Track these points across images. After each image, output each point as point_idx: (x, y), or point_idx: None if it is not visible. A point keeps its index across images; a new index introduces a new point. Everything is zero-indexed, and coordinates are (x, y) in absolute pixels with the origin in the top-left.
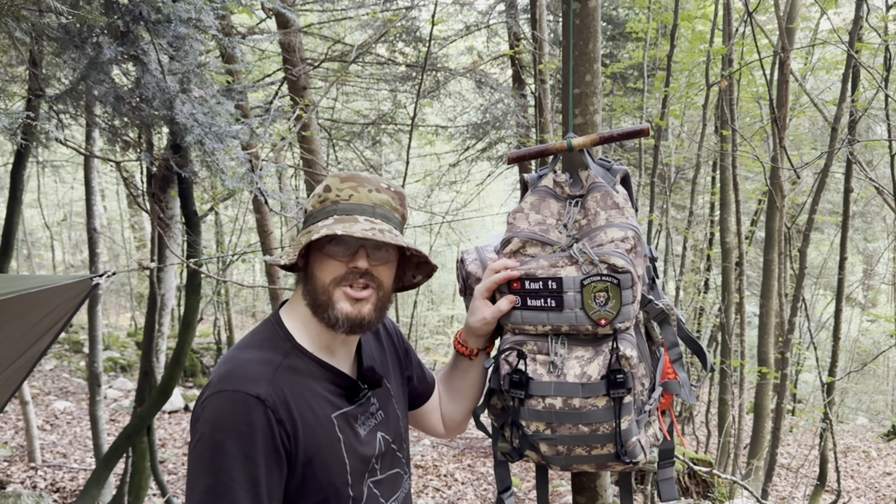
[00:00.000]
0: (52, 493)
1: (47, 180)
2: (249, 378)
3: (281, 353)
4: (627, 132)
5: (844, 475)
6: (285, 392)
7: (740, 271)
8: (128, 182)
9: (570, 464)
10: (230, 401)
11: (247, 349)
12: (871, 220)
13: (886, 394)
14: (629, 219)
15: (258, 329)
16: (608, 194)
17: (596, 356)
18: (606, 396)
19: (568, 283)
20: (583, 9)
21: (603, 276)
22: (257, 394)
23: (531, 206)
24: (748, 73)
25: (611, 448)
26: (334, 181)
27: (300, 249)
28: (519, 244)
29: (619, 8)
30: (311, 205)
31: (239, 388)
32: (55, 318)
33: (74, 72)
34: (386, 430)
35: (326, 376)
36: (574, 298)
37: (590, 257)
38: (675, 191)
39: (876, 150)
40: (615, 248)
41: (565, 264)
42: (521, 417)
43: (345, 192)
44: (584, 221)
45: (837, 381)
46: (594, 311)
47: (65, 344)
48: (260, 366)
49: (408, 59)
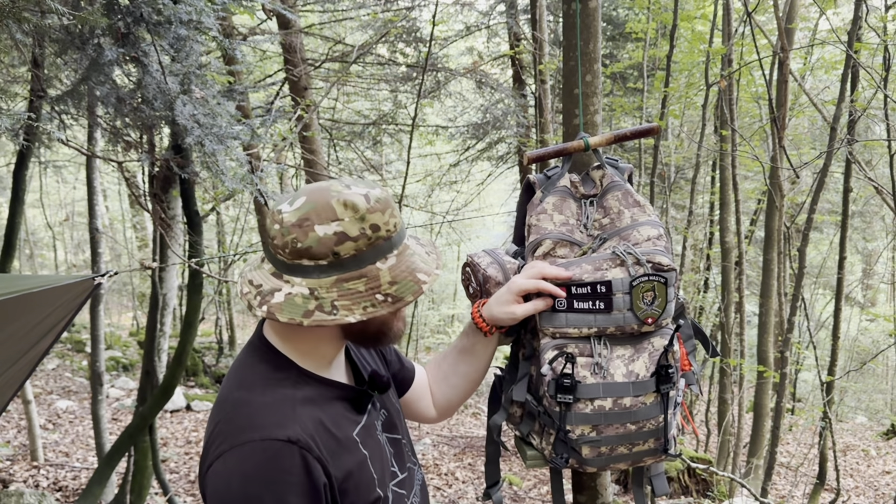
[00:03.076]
0: (55, 491)
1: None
2: (274, 423)
3: (290, 385)
4: (639, 131)
5: (844, 474)
6: (310, 427)
7: (740, 270)
8: (129, 182)
9: (608, 463)
10: (260, 451)
11: (253, 389)
12: (870, 220)
13: (885, 393)
14: (652, 216)
15: (249, 360)
16: (629, 192)
17: (637, 353)
18: (656, 392)
19: (617, 285)
20: (583, 9)
21: (651, 276)
22: (287, 437)
23: (554, 207)
24: (747, 73)
25: (651, 443)
26: (377, 216)
27: (392, 308)
28: (551, 245)
29: (619, 8)
30: (355, 248)
31: (266, 435)
32: (57, 317)
33: (76, 73)
34: (391, 429)
35: (337, 394)
36: (623, 300)
37: (636, 257)
38: (675, 190)
39: (875, 150)
40: (654, 245)
41: (610, 266)
42: (567, 422)
43: (391, 223)
44: (605, 220)
45: (837, 380)
46: (642, 311)
47: (67, 343)
48: (279, 406)
49: (408, 60)
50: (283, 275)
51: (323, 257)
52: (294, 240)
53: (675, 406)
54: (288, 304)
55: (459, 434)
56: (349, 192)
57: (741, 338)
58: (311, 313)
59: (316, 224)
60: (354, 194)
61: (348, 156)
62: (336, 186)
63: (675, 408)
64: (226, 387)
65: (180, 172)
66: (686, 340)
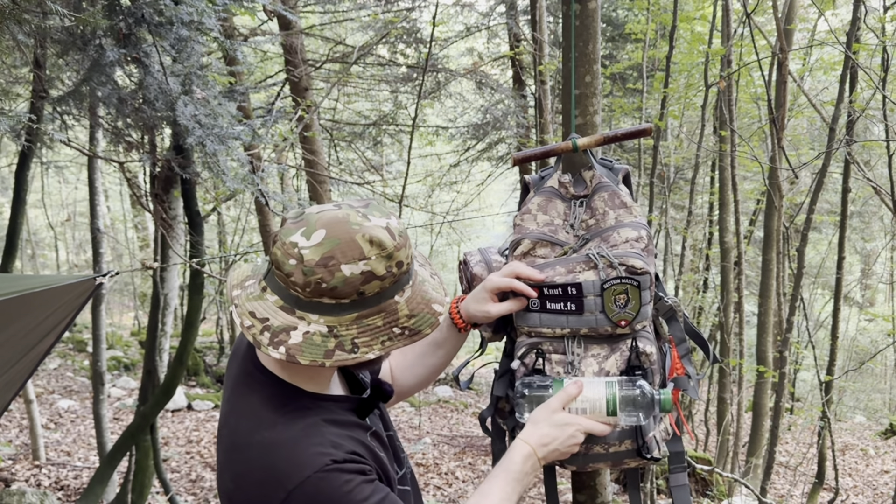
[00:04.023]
0: (56, 491)
1: (51, 181)
2: (315, 453)
3: (308, 411)
4: (630, 132)
5: (842, 473)
6: (342, 442)
7: (739, 270)
8: (131, 182)
9: (587, 463)
10: (319, 483)
11: (275, 427)
12: (868, 220)
13: (884, 392)
14: (638, 217)
15: (258, 396)
16: (615, 193)
17: (612, 353)
18: None
19: (588, 288)
20: (583, 10)
21: (623, 279)
22: (333, 460)
23: (538, 207)
24: (747, 73)
25: (629, 444)
26: (402, 253)
27: (409, 341)
28: (530, 245)
29: (619, 9)
30: (381, 287)
31: (315, 467)
32: (59, 317)
33: (78, 74)
34: (386, 427)
35: (344, 407)
36: (594, 302)
37: (608, 260)
38: (675, 191)
39: (874, 151)
40: (630, 248)
41: (583, 269)
42: None
43: (409, 255)
44: (591, 221)
45: (835, 380)
46: (614, 314)
47: (69, 343)
48: (309, 436)
49: (409, 61)
50: (297, 310)
51: (347, 297)
52: (318, 280)
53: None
54: (307, 345)
55: (459, 434)
56: (371, 227)
57: (740, 337)
58: (331, 353)
59: (342, 264)
60: (377, 228)
61: (349, 156)
62: (355, 218)
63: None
64: (242, 428)
65: (181, 173)
66: (678, 344)
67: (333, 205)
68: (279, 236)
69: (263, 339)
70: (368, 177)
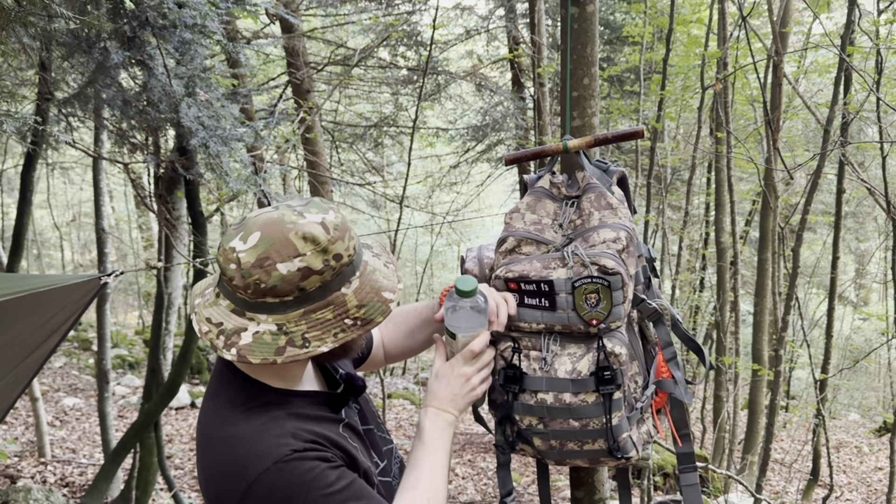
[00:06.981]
0: (62, 487)
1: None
2: (274, 443)
3: (272, 406)
4: (622, 134)
5: (837, 470)
6: (303, 434)
7: (735, 270)
8: (135, 183)
9: (563, 458)
10: (278, 474)
11: (237, 423)
12: (862, 221)
13: (878, 390)
14: (622, 219)
15: (225, 393)
16: (602, 195)
17: (587, 353)
18: (596, 392)
19: (559, 285)
20: (581, 14)
21: (594, 278)
22: (293, 450)
23: (527, 207)
24: (742, 76)
25: (602, 444)
26: (339, 245)
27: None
28: (514, 243)
29: (617, 13)
30: (321, 280)
31: (275, 457)
32: (64, 316)
33: (83, 76)
34: (365, 421)
35: (313, 401)
36: (566, 300)
37: (581, 259)
38: (671, 192)
39: (868, 152)
40: (606, 248)
41: (557, 266)
42: (514, 412)
43: (351, 246)
44: (578, 221)
45: (830, 378)
46: (585, 312)
47: (74, 342)
48: (270, 427)
49: (409, 63)
50: (246, 312)
51: (289, 294)
52: (257, 281)
53: (628, 409)
54: (258, 344)
55: (459, 431)
56: (305, 224)
57: (736, 336)
58: (282, 350)
59: (278, 262)
60: (311, 224)
61: (350, 157)
62: (290, 217)
63: (630, 411)
64: (209, 424)
65: (185, 174)
66: (665, 347)
67: (272, 206)
68: (221, 243)
69: (219, 342)
70: (369, 178)
